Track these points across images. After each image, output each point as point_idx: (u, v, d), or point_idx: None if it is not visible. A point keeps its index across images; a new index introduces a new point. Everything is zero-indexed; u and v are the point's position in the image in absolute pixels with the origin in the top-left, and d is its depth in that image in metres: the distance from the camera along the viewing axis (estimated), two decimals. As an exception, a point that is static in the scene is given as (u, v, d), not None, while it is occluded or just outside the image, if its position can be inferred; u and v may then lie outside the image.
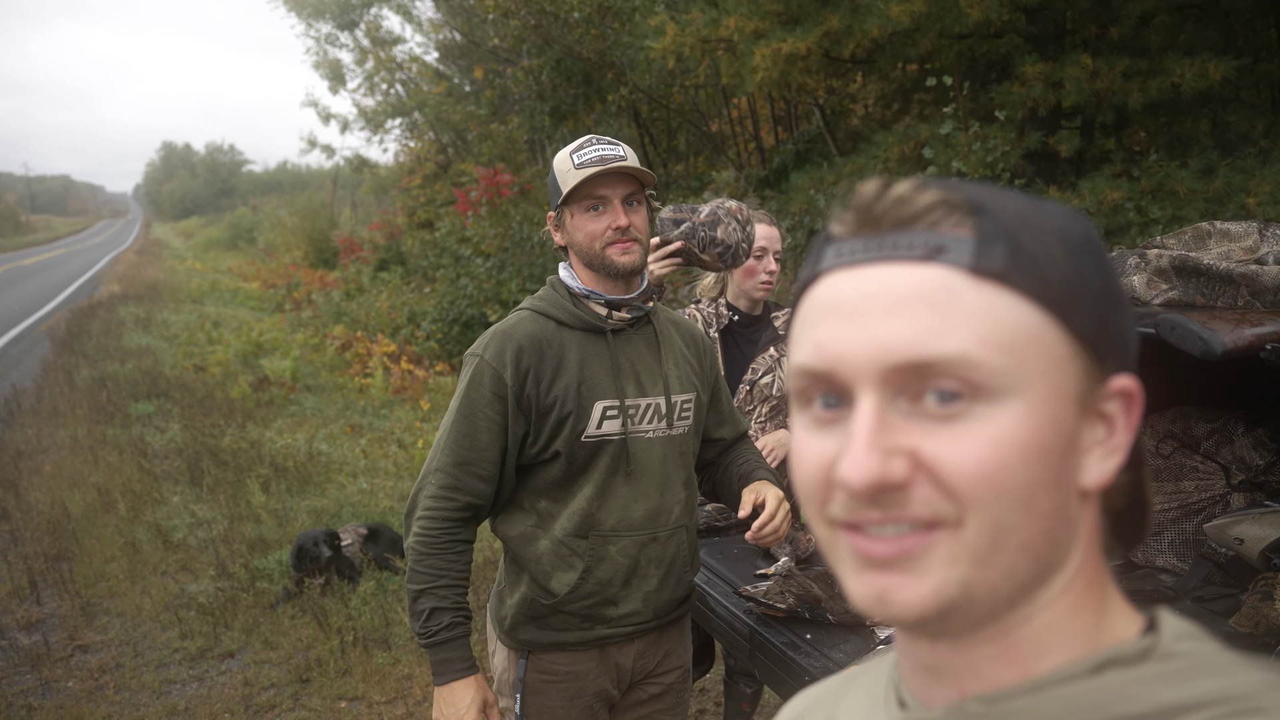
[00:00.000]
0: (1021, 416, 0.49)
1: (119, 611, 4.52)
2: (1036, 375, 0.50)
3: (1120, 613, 0.56)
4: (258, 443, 7.27)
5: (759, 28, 7.08)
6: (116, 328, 13.84)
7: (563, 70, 10.55)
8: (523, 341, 1.76)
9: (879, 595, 0.51)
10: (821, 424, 0.53)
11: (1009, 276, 0.50)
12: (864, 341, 0.51)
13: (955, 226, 0.51)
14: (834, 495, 0.52)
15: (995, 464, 0.49)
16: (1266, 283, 1.84)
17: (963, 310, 0.50)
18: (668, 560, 1.86)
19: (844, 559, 0.53)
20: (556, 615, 1.83)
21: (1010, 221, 0.52)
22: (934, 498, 0.49)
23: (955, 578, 0.50)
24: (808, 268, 0.57)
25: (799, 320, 0.56)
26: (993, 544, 0.49)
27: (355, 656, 3.94)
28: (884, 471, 0.49)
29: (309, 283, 17.29)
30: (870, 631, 2.01)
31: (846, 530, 0.52)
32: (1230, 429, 2.04)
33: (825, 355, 0.52)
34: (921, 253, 0.51)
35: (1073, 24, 7.09)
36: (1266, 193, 5.07)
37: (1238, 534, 1.87)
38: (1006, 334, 0.50)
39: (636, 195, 1.79)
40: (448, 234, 12.10)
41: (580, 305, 1.81)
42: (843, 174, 7.43)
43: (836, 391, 0.52)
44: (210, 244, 37.55)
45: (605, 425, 1.78)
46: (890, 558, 0.50)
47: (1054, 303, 0.51)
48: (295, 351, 10.84)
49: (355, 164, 23.18)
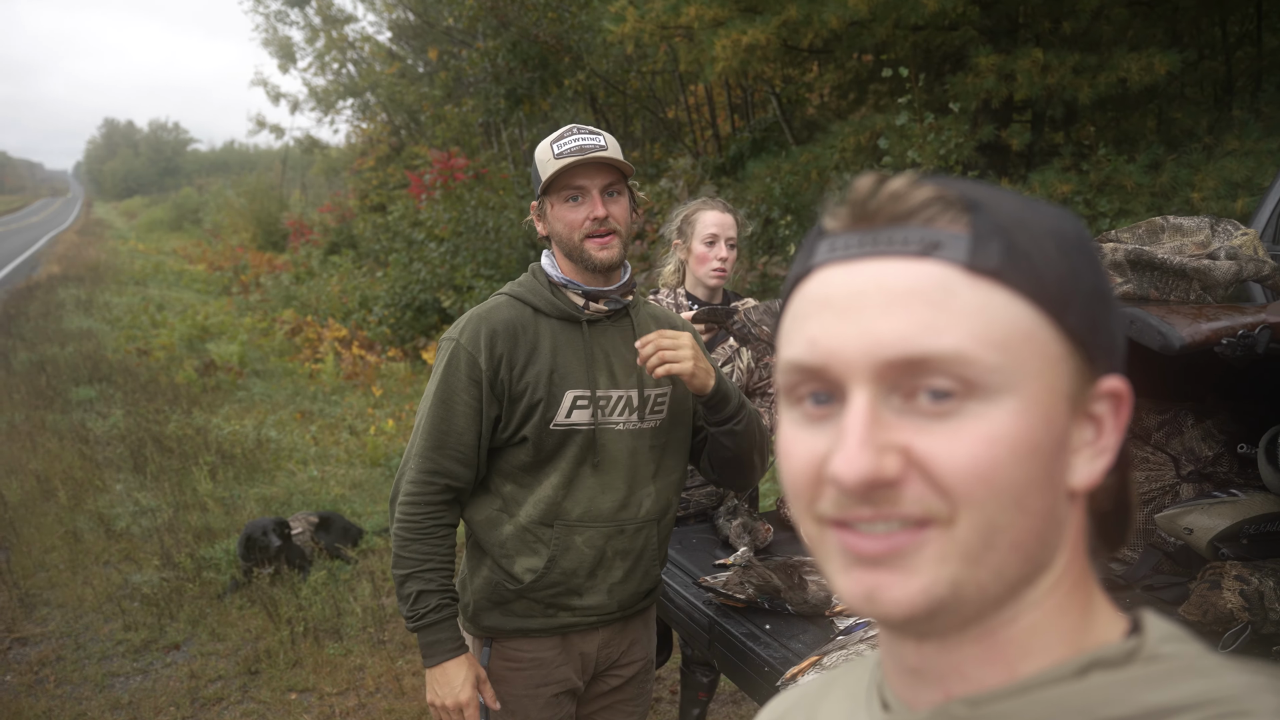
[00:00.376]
0: (1015, 415, 0.49)
1: (59, 603, 4.40)
2: (1030, 374, 0.49)
3: (1105, 614, 0.55)
4: (204, 429, 7.12)
5: (719, 15, 7.07)
6: (56, 310, 13.46)
7: (519, 53, 10.44)
8: (497, 326, 1.76)
9: (868, 593, 0.50)
10: (812, 420, 0.52)
11: (1004, 274, 0.50)
12: (858, 337, 0.50)
13: (950, 223, 0.51)
14: (824, 492, 0.51)
15: (989, 462, 0.48)
16: (1218, 277, 1.87)
17: (958, 307, 0.49)
18: (635, 553, 1.86)
19: (832, 556, 0.52)
20: (520, 601, 1.83)
21: (1005, 220, 0.51)
22: (926, 495, 0.49)
23: (945, 576, 0.49)
24: (799, 262, 0.56)
25: (790, 315, 0.55)
26: (984, 542, 0.49)
27: (306, 647, 3.88)
28: (877, 468, 0.48)
29: (257, 265, 16.97)
30: (829, 622, 2.02)
31: (835, 528, 0.51)
32: (1180, 421, 2.08)
33: (818, 351, 0.51)
34: (917, 248, 0.50)
35: (1026, 18, 7.18)
36: (1211, 187, 5.19)
37: (1187, 524, 1.91)
38: (1001, 331, 0.49)
39: (616, 185, 1.78)
40: (400, 217, 11.95)
41: (558, 294, 1.81)
42: (799, 163, 7.46)
43: (828, 388, 0.52)
44: (154, 225, 36.63)
45: (575, 415, 1.78)
46: (880, 555, 0.50)
47: (1048, 301, 0.50)
48: (243, 336, 10.64)
49: (306, 145, 22.79)
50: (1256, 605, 1.76)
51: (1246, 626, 1.76)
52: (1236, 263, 1.89)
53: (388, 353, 9.86)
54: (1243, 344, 1.52)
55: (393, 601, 4.29)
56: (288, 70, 21.22)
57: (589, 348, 1.80)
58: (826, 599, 2.07)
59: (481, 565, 1.86)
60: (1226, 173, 5.24)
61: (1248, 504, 1.90)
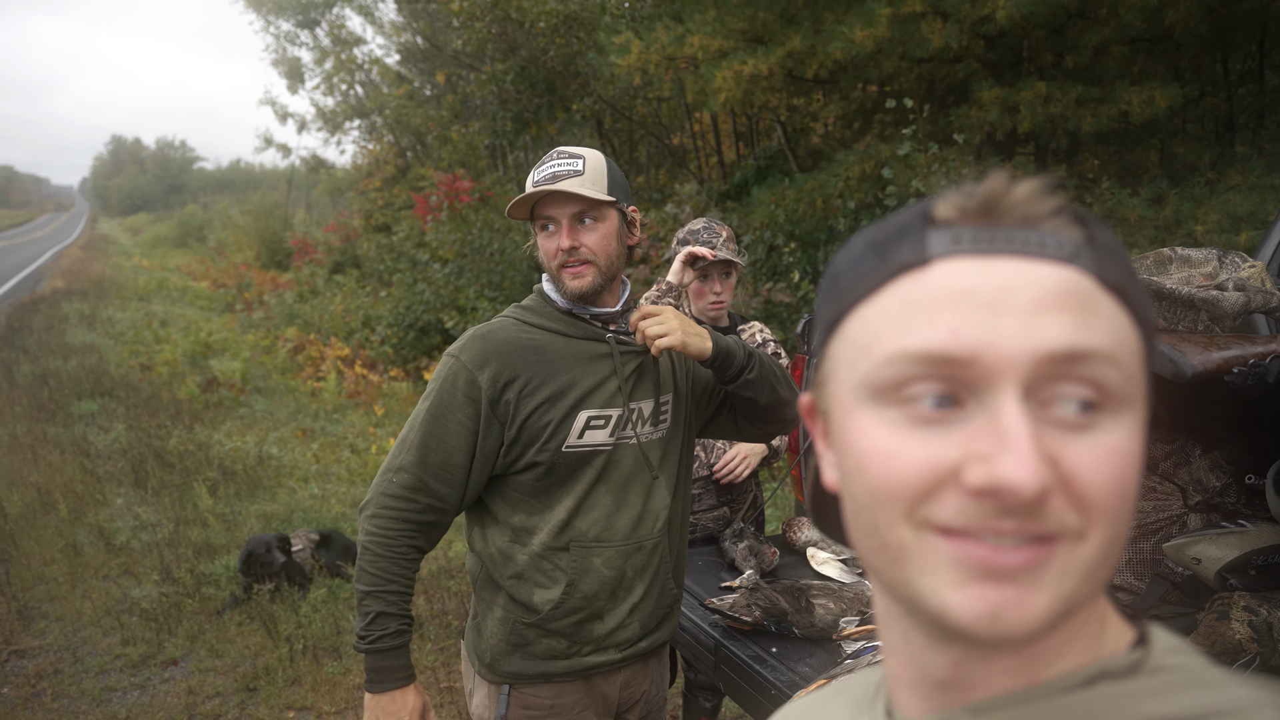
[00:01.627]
0: (1135, 430, 0.49)
1: (58, 616, 4.38)
2: (1143, 392, 0.51)
3: (1113, 625, 0.56)
4: (205, 445, 7.11)
5: (723, 46, 7.13)
6: (59, 324, 13.48)
7: (526, 77, 10.53)
8: (502, 347, 1.71)
9: (994, 610, 0.47)
10: (925, 423, 0.49)
11: (1125, 291, 0.51)
12: (1014, 329, 0.48)
13: (1076, 235, 0.51)
14: (939, 498, 0.48)
15: (1124, 478, 0.48)
16: (1226, 308, 1.89)
17: (1102, 313, 0.49)
18: (653, 569, 1.81)
19: (941, 568, 0.49)
20: (542, 640, 1.76)
21: (1112, 241, 0.52)
22: (1065, 510, 0.47)
23: (1066, 593, 0.48)
24: (900, 248, 0.52)
25: (907, 305, 0.50)
26: (1104, 558, 0.49)
27: (305, 665, 3.86)
28: (1050, 478, 0.46)
29: (261, 283, 17.00)
30: (837, 645, 2.02)
31: (952, 538, 0.48)
32: (1188, 451, 2.09)
33: (964, 340, 0.48)
34: (1064, 252, 0.49)
35: (1029, 52, 7.26)
36: (1214, 221, 5.22)
37: (1195, 554, 1.91)
38: (1129, 344, 0.50)
39: (591, 213, 1.72)
40: (405, 238, 11.99)
41: (573, 316, 1.78)
42: (804, 191, 7.50)
43: (952, 389, 0.49)
44: (158, 241, 36.73)
45: (588, 435, 1.72)
46: (1016, 569, 0.47)
47: (1143, 324, 0.52)
48: (245, 353, 10.65)
49: (312, 164, 22.87)
50: (1265, 636, 1.76)
51: (1255, 657, 1.75)
52: (1244, 294, 1.91)
53: (390, 372, 9.86)
54: (1253, 373, 1.54)
55: (392, 621, 4.26)
56: (296, 90, 21.37)
57: (604, 366, 1.75)
58: (833, 622, 2.06)
59: (494, 604, 1.78)
60: (1230, 207, 5.28)
61: (1256, 535, 1.91)
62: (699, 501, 2.78)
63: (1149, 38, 6.75)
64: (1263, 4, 5.97)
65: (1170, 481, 2.10)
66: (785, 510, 5.14)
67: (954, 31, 5.98)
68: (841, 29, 6.27)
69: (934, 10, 6.07)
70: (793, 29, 6.81)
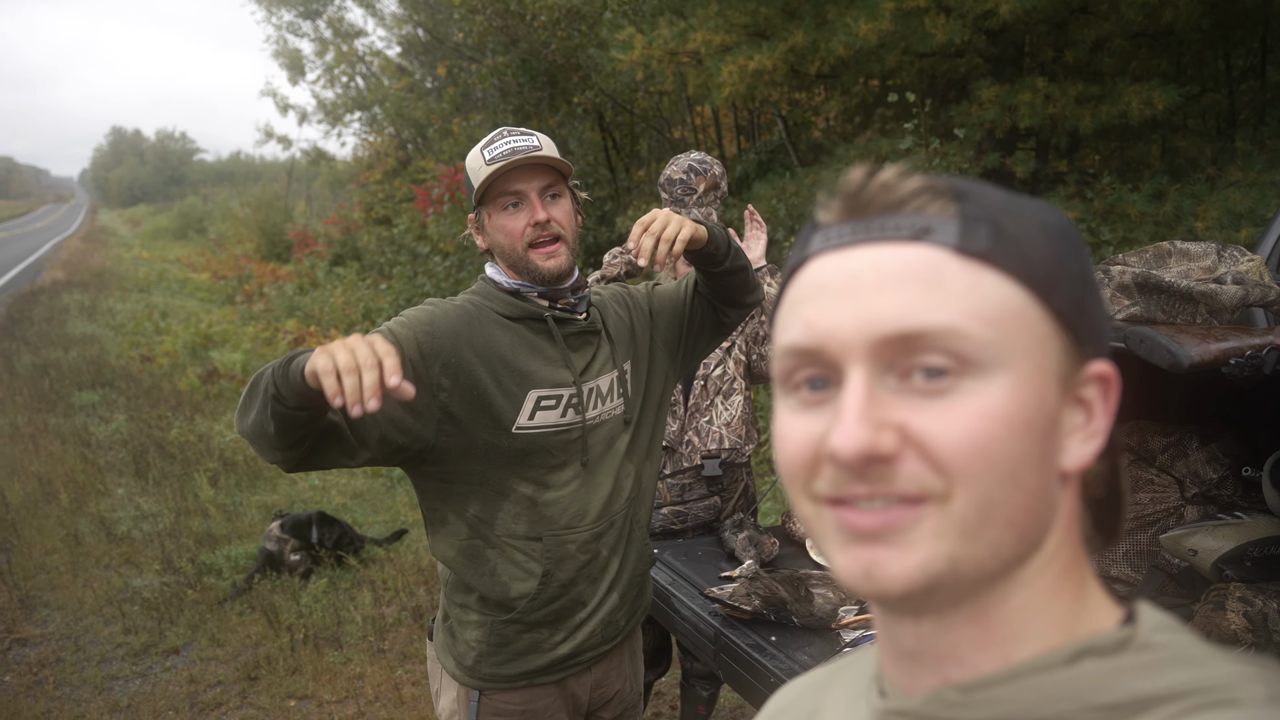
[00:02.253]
0: (1008, 390, 0.50)
1: (59, 605, 4.40)
2: (1021, 350, 0.51)
3: (1099, 604, 0.57)
4: (206, 436, 7.13)
5: (726, 41, 7.13)
6: (60, 315, 13.49)
7: (528, 70, 10.52)
8: (451, 322, 1.63)
9: (866, 569, 0.51)
10: (808, 405, 0.54)
11: (993, 256, 0.52)
12: (854, 316, 0.52)
13: (940, 210, 0.53)
14: (820, 471, 0.53)
15: (984, 436, 0.50)
16: (1225, 301, 1.90)
17: (950, 286, 0.51)
18: (625, 540, 1.78)
19: (830, 535, 0.53)
20: (523, 636, 1.70)
21: (992, 207, 0.54)
22: (921, 472, 0.50)
23: (943, 551, 0.50)
24: (795, 254, 0.58)
25: (786, 304, 0.57)
26: (980, 518, 0.50)
27: (305, 654, 3.88)
28: (874, 442, 0.50)
29: (261, 275, 16.99)
30: (835, 635, 2.03)
31: (832, 506, 0.52)
32: (1185, 443, 2.10)
33: (814, 332, 0.53)
34: (909, 233, 0.52)
35: (1031, 47, 7.25)
36: (1214, 218, 5.23)
37: (1191, 545, 1.92)
38: (992, 309, 0.51)
39: (556, 187, 1.68)
40: (405, 231, 12.00)
41: (519, 295, 1.71)
42: (804, 185, 7.51)
43: (824, 373, 0.53)
44: (159, 233, 36.69)
45: (539, 416, 1.65)
46: (877, 529, 0.51)
47: (1035, 282, 0.53)
48: (246, 344, 10.65)
49: (312, 157, 22.86)
50: (1260, 627, 1.78)
51: (1250, 648, 1.77)
52: (1243, 288, 1.92)
53: (390, 364, 9.86)
54: (1250, 364, 1.55)
55: (393, 610, 4.29)
56: (297, 82, 21.35)
57: (562, 345, 1.69)
58: (833, 612, 2.08)
59: (469, 608, 1.71)
60: (1230, 203, 5.28)
61: (1252, 526, 1.92)
62: (689, 491, 2.79)
63: (1150, 33, 6.75)
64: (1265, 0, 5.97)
65: (1167, 473, 2.11)
66: (785, 502, 5.16)
67: (956, 26, 5.98)
68: (845, 21, 6.28)
69: (937, 5, 6.07)
70: (795, 24, 6.81)
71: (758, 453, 6.20)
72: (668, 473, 2.79)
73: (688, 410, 2.81)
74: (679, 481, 2.79)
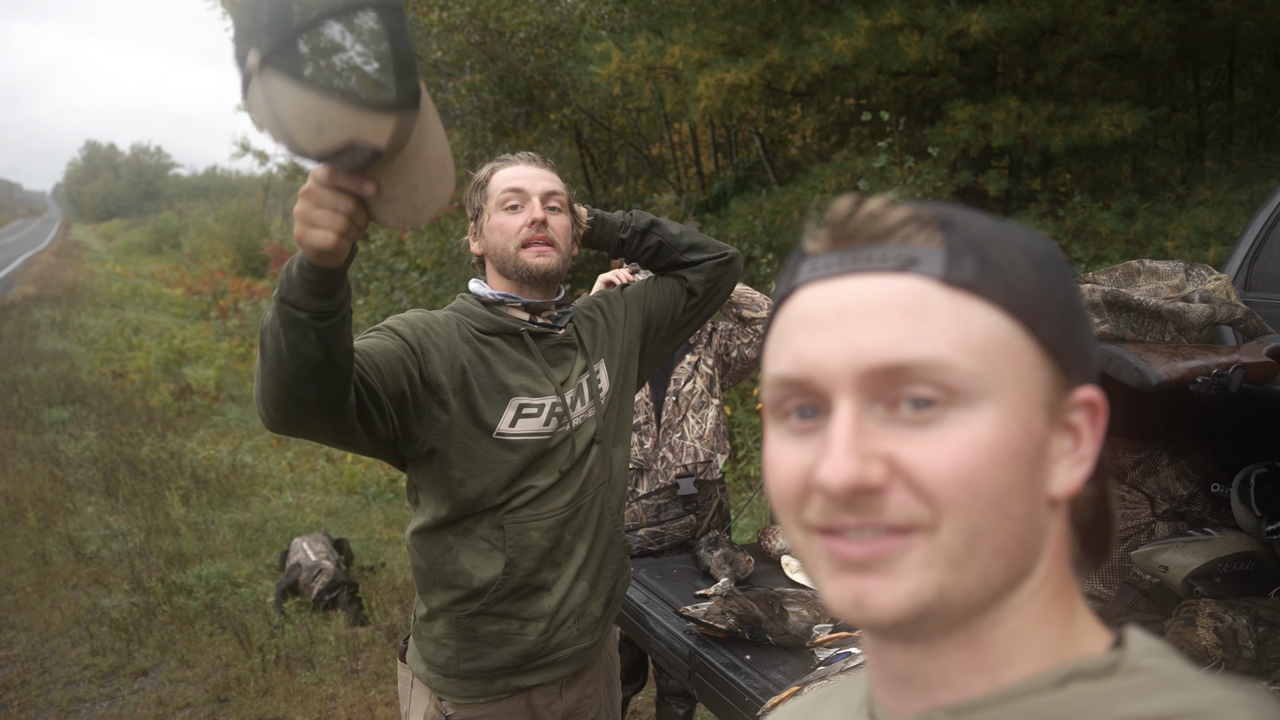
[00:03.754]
0: (994, 421, 0.51)
1: (25, 626, 4.32)
2: (1007, 380, 0.51)
3: (1088, 627, 0.57)
4: (178, 453, 7.05)
5: (703, 57, 7.18)
6: (30, 330, 13.31)
7: (505, 87, 10.53)
8: (443, 321, 1.68)
9: (855, 598, 0.52)
10: (798, 434, 0.54)
11: (979, 286, 0.52)
12: (841, 348, 0.52)
13: (926, 240, 0.53)
14: (810, 501, 0.53)
15: (970, 467, 0.50)
16: (1192, 320, 1.92)
17: (936, 317, 0.51)
18: (593, 524, 1.77)
19: (820, 563, 0.54)
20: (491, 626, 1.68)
21: (978, 236, 0.54)
22: (909, 502, 0.50)
23: (931, 581, 0.50)
24: (783, 284, 0.58)
25: (775, 334, 0.57)
26: (968, 547, 0.50)
27: (277, 675, 3.82)
28: (862, 474, 0.50)
29: (236, 291, 16.87)
30: (810, 653, 2.03)
31: (822, 535, 0.53)
32: (1155, 460, 2.12)
33: (802, 363, 0.53)
34: (895, 264, 0.53)
35: (1003, 67, 7.35)
36: (1184, 236, 5.30)
37: (1162, 561, 1.94)
38: (978, 339, 0.51)
39: (558, 199, 1.75)
40: (383, 247, 11.94)
41: (496, 311, 1.73)
42: (781, 203, 7.55)
43: (813, 402, 0.53)
44: (132, 248, 36.36)
45: (520, 424, 1.67)
46: (866, 559, 0.51)
47: (1021, 312, 0.53)
48: (220, 360, 10.56)
49: (289, 171, 22.71)
50: (1230, 642, 1.79)
51: (1220, 663, 1.78)
52: (1210, 306, 1.94)
53: (366, 381, 9.80)
54: (1217, 383, 1.57)
55: (367, 631, 4.25)
56: (274, 98, 21.22)
57: (540, 359, 1.72)
58: (807, 630, 2.07)
59: (434, 593, 1.71)
60: (1199, 222, 5.36)
61: (1221, 542, 1.93)
62: (665, 511, 2.79)
63: (1119, 54, 6.85)
64: (1231, 22, 6.08)
65: (1138, 490, 2.13)
66: (761, 519, 5.16)
67: (930, 44, 6.06)
68: (822, 36, 6.34)
69: (911, 24, 6.14)
70: (771, 42, 6.87)
71: (733, 469, 6.20)
72: (642, 494, 2.79)
73: (660, 428, 2.81)
74: (654, 502, 2.79)
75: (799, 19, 7.02)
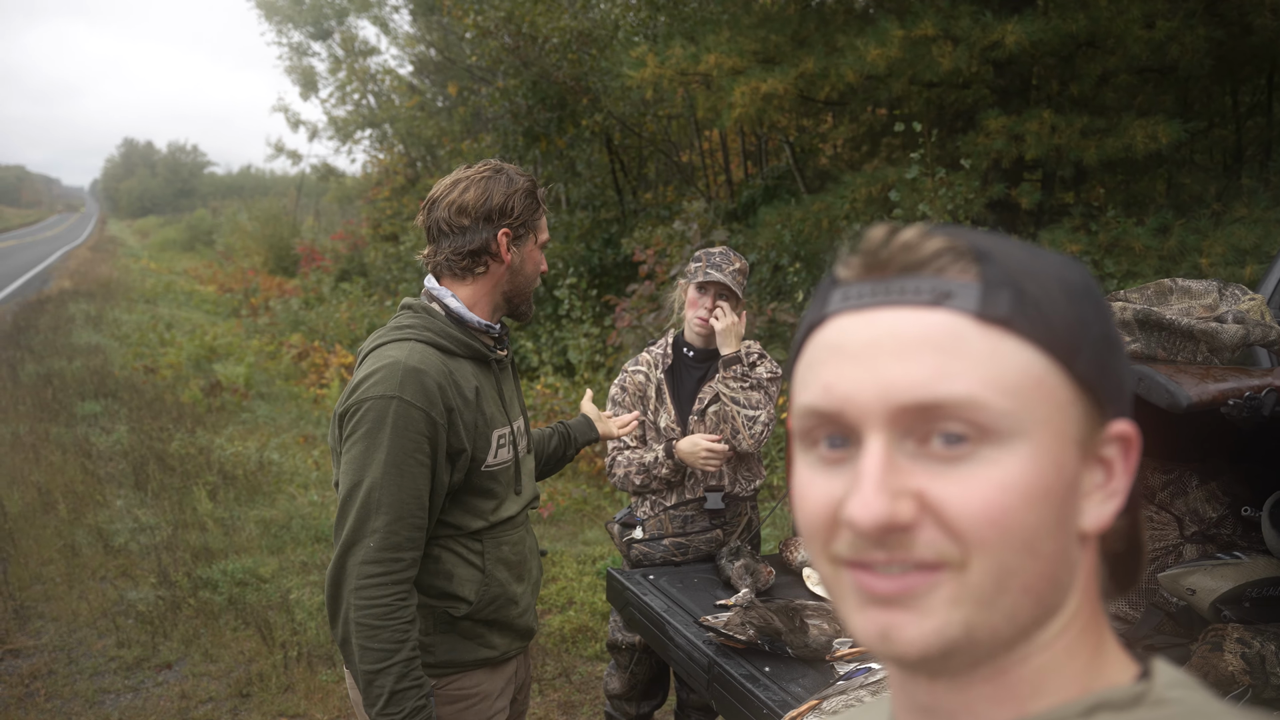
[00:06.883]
0: (1026, 460, 0.50)
1: (54, 616, 4.38)
2: (1040, 419, 0.51)
3: (1115, 658, 0.56)
4: (207, 449, 7.13)
5: (738, 65, 7.18)
6: (66, 324, 13.52)
7: (538, 92, 10.58)
8: (438, 378, 1.69)
9: (883, 632, 0.52)
10: (827, 464, 0.54)
11: (1014, 322, 0.52)
12: (872, 383, 0.51)
13: (961, 273, 0.52)
14: (839, 534, 0.53)
15: (1000, 507, 0.49)
16: (1225, 340, 1.89)
17: (969, 354, 0.51)
18: (531, 539, 1.99)
19: (847, 596, 0.54)
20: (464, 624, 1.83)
21: (1014, 269, 0.53)
22: (938, 540, 0.50)
23: (959, 619, 0.50)
24: (813, 311, 0.57)
25: (804, 362, 0.56)
26: (996, 586, 0.50)
27: (299, 672, 3.86)
28: (892, 513, 0.50)
29: (267, 289, 17.03)
30: (830, 666, 2.02)
31: (851, 568, 0.53)
32: (1185, 481, 2.09)
33: (833, 396, 0.53)
34: (929, 298, 0.52)
35: (1037, 79, 7.29)
36: (1219, 253, 5.23)
37: (1190, 584, 1.91)
38: (1012, 378, 0.51)
39: None
40: (412, 248, 12.04)
41: (470, 335, 1.80)
42: (810, 212, 7.53)
43: (843, 432, 0.53)
44: (167, 244, 36.85)
45: (500, 454, 1.83)
46: (894, 594, 0.51)
47: (1057, 348, 0.52)
48: (250, 358, 10.66)
49: (322, 172, 22.94)
50: (1258, 669, 1.76)
51: (1247, 690, 1.75)
52: (1244, 327, 1.91)
53: (393, 381, 9.85)
54: (1249, 406, 1.54)
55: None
56: (308, 98, 21.48)
57: (499, 386, 1.87)
58: (827, 643, 2.06)
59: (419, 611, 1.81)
60: (1235, 239, 5.28)
61: (1251, 567, 1.91)
62: (691, 524, 2.78)
63: (1156, 68, 6.78)
64: (1272, 38, 6.00)
65: (1167, 511, 2.10)
66: (783, 530, 5.14)
67: (964, 55, 6.02)
68: (855, 45, 6.32)
69: (945, 34, 6.11)
70: (804, 51, 6.86)
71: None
72: (671, 504, 2.78)
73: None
74: (681, 513, 2.78)
75: (832, 28, 7.00)
